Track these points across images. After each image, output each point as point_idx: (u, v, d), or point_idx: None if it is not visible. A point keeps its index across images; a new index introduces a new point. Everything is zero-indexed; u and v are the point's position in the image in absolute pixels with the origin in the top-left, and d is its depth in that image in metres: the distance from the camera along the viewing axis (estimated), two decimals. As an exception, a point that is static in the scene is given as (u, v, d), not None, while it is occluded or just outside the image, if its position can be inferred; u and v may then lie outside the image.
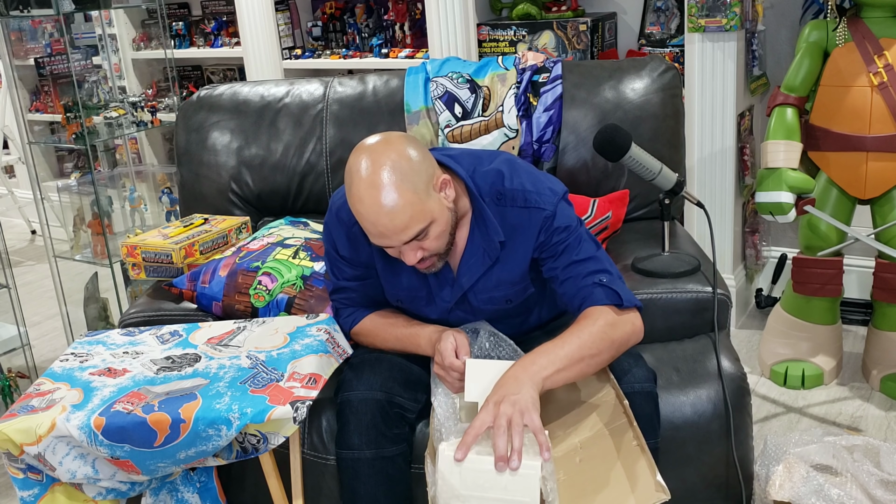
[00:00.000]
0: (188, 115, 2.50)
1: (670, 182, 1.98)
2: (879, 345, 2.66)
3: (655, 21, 3.21)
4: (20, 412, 1.60)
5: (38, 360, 3.23)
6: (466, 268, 1.74)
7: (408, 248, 1.62)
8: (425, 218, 1.58)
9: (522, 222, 1.70)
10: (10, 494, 2.55)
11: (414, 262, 1.63)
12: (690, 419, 1.78)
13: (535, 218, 1.69)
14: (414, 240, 1.60)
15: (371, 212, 1.55)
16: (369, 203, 1.55)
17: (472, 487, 1.44)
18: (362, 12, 3.72)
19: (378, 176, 1.54)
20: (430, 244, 1.63)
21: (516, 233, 1.70)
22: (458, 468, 1.45)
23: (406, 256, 1.63)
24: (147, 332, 1.89)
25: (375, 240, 1.62)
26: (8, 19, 3.25)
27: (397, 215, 1.55)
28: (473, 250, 1.73)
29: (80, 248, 3.19)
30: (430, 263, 1.68)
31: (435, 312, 1.80)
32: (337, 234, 1.80)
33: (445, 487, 1.46)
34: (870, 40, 2.42)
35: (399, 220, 1.55)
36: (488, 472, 1.44)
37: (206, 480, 1.75)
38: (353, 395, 1.71)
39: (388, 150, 1.57)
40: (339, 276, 1.85)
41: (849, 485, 1.92)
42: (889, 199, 2.50)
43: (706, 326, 1.92)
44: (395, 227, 1.56)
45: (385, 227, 1.56)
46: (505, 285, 1.75)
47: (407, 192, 1.55)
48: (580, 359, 1.56)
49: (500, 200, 1.71)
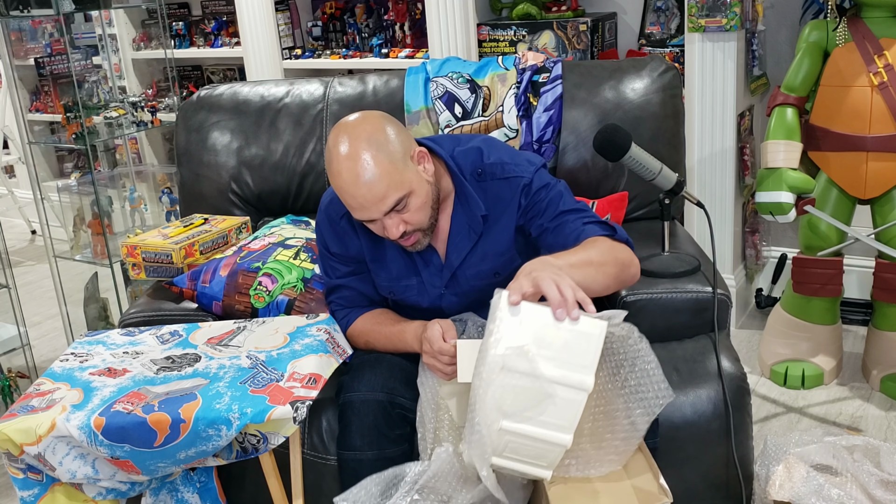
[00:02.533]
0: (188, 115, 2.50)
1: (670, 182, 1.98)
2: (879, 345, 2.66)
3: (655, 21, 3.21)
4: (20, 412, 1.60)
5: (38, 360, 3.23)
6: (454, 247, 1.78)
7: (390, 221, 1.64)
8: (403, 187, 1.62)
9: (503, 194, 1.75)
10: (10, 494, 2.55)
11: (397, 235, 1.66)
12: (690, 419, 1.78)
13: (514, 186, 1.74)
14: (394, 211, 1.63)
15: (349, 183, 1.60)
16: (347, 175, 1.59)
17: (535, 334, 1.36)
18: (362, 12, 3.72)
19: (355, 149, 1.59)
20: (412, 217, 1.66)
21: (499, 204, 1.75)
22: (517, 319, 1.37)
23: (389, 230, 1.65)
24: (147, 332, 1.89)
25: (357, 213, 1.64)
26: (8, 19, 3.25)
27: (375, 185, 1.59)
28: (458, 228, 1.77)
29: (80, 248, 3.19)
30: (414, 240, 1.70)
31: (426, 300, 1.82)
32: (326, 231, 1.84)
33: (508, 337, 1.36)
34: (870, 40, 2.42)
35: (377, 190, 1.59)
36: (548, 321, 1.36)
37: (206, 480, 1.75)
38: (354, 397, 1.71)
39: (364, 125, 1.63)
40: (333, 274, 1.88)
41: (849, 485, 1.92)
42: (889, 199, 2.50)
43: (706, 326, 1.92)
44: (373, 196, 1.59)
45: (364, 198, 1.60)
46: (491, 256, 1.77)
47: (383, 161, 1.59)
48: (588, 263, 1.55)
49: (481, 176, 1.76)
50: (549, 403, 1.36)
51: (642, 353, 1.45)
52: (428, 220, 1.70)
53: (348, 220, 1.81)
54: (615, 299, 1.95)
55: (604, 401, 1.46)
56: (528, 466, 1.42)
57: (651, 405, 1.44)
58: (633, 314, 1.91)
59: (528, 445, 1.39)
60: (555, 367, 1.36)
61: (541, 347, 1.37)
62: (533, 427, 1.37)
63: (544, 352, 1.36)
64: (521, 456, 1.41)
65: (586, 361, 1.37)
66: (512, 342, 1.37)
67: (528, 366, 1.36)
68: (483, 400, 1.37)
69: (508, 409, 1.37)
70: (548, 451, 1.40)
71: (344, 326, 1.88)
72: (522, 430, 1.38)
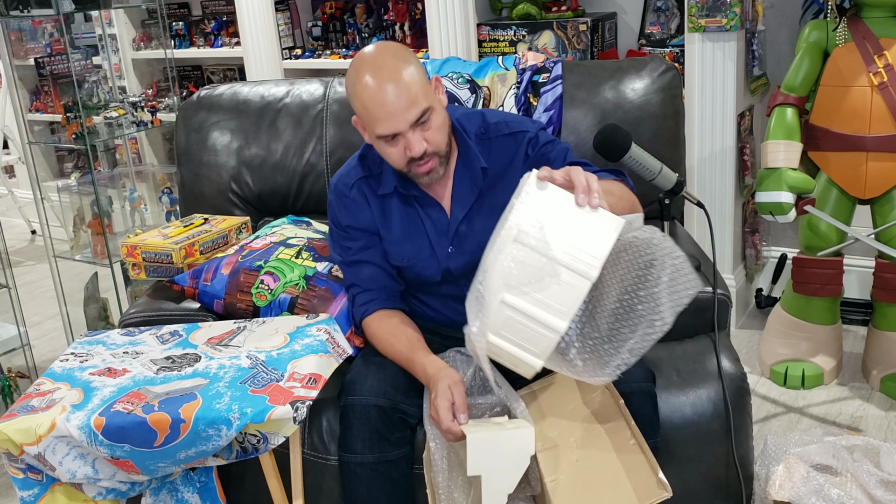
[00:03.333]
0: (188, 115, 2.50)
1: (670, 182, 1.98)
2: (879, 345, 2.66)
3: (655, 21, 3.21)
4: (20, 412, 1.60)
5: (38, 360, 3.23)
6: (457, 201, 1.83)
7: (413, 136, 1.68)
8: (427, 99, 1.68)
9: (509, 149, 1.83)
10: (11, 494, 2.55)
11: (419, 152, 1.69)
12: (690, 419, 1.78)
13: (519, 140, 1.83)
14: (418, 126, 1.68)
15: (378, 91, 1.65)
16: (375, 85, 1.65)
17: (554, 213, 1.41)
18: (362, 12, 3.72)
19: (383, 61, 1.67)
20: (433, 136, 1.71)
21: (504, 159, 1.83)
22: (541, 195, 1.42)
23: (412, 146, 1.69)
24: (147, 332, 1.89)
25: (383, 126, 1.67)
26: (8, 19, 3.26)
27: (402, 92, 1.64)
28: (461, 183, 1.83)
29: (80, 248, 3.19)
30: (431, 165, 1.74)
31: (436, 267, 1.84)
32: (337, 207, 1.89)
33: (528, 210, 1.42)
34: (870, 40, 2.42)
35: (405, 97, 1.64)
36: (570, 206, 1.41)
37: (207, 480, 1.75)
38: (356, 400, 1.71)
39: (387, 45, 1.73)
40: (346, 254, 1.89)
41: (849, 485, 1.92)
42: (889, 199, 2.50)
43: (706, 326, 1.92)
44: (401, 104, 1.64)
45: (392, 106, 1.64)
46: (499, 210, 1.76)
47: (411, 71, 1.67)
48: (611, 192, 1.59)
49: (485, 134, 1.84)
50: (552, 283, 1.38)
51: (668, 249, 1.45)
52: (445, 144, 1.75)
53: (358, 190, 1.87)
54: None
55: (629, 300, 1.46)
56: (522, 351, 1.43)
57: (681, 297, 1.44)
58: (633, 314, 1.92)
59: (525, 326, 1.41)
60: (565, 249, 1.39)
61: (556, 228, 1.40)
62: (532, 305, 1.40)
63: (558, 233, 1.40)
64: (517, 337, 1.42)
65: (596, 252, 1.39)
66: (530, 216, 1.41)
67: (540, 242, 1.39)
68: (493, 268, 1.41)
69: (514, 281, 1.39)
70: (542, 337, 1.41)
71: (360, 314, 1.87)
72: (522, 307, 1.40)
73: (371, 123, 1.70)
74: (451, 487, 1.65)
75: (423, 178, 1.77)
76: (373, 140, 1.75)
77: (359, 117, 1.75)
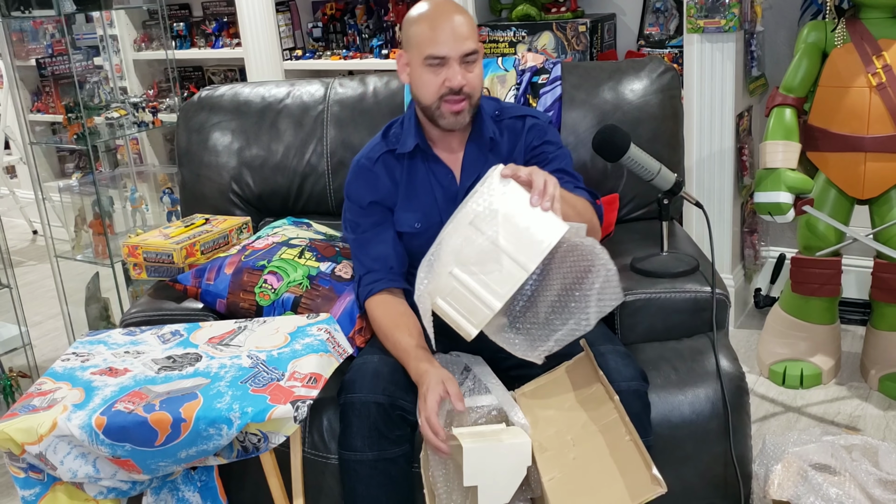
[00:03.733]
0: (189, 115, 2.51)
1: (669, 182, 1.99)
2: (878, 344, 2.67)
3: (654, 22, 3.22)
4: (21, 411, 1.61)
5: (40, 359, 3.24)
6: (467, 168, 1.94)
7: (458, 68, 1.81)
8: (477, 42, 1.84)
9: (517, 128, 1.97)
10: (12, 494, 2.56)
11: (458, 84, 1.81)
12: (689, 418, 1.78)
13: (528, 123, 1.97)
14: (465, 62, 1.82)
15: (443, 14, 1.82)
16: (443, 10, 1.83)
17: (508, 207, 1.57)
18: (362, 13, 3.73)
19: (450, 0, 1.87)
20: (473, 78, 1.84)
21: (512, 138, 1.96)
22: (501, 189, 1.59)
23: (454, 77, 1.81)
24: (148, 332, 1.90)
25: (438, 46, 1.80)
26: (9, 20, 3.26)
27: (463, 24, 1.82)
28: (472, 152, 1.94)
29: (82, 248, 3.20)
30: (463, 106, 1.85)
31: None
32: (357, 181, 1.97)
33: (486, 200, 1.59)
34: (868, 41, 2.43)
35: (465, 28, 1.82)
36: (524, 203, 1.57)
37: (207, 479, 1.76)
38: (356, 398, 1.71)
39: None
40: (357, 229, 1.96)
41: (847, 484, 1.92)
42: (887, 200, 2.51)
43: (705, 326, 1.93)
44: (459, 33, 1.80)
45: (452, 31, 1.80)
46: None
47: (469, 17, 1.85)
48: (573, 206, 1.75)
49: (499, 115, 1.99)
50: (495, 268, 1.57)
51: (605, 262, 1.60)
52: (478, 94, 1.87)
53: (382, 163, 1.96)
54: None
55: (566, 296, 1.64)
56: (461, 318, 1.59)
57: (606, 304, 1.61)
58: (631, 313, 1.93)
59: (466, 298, 1.58)
60: (511, 241, 1.56)
61: (507, 220, 1.57)
62: (475, 283, 1.57)
63: (509, 226, 1.57)
64: (459, 306, 1.59)
65: (536, 248, 1.56)
66: (487, 206, 1.59)
67: (491, 231, 1.57)
68: (447, 242, 1.60)
69: (463, 258, 1.58)
70: (479, 310, 1.57)
71: (366, 294, 1.91)
72: (466, 281, 1.58)
73: (425, 44, 1.82)
74: (450, 489, 1.65)
75: (449, 119, 1.86)
76: (417, 68, 1.85)
77: (412, 42, 1.85)
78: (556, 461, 1.57)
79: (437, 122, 1.88)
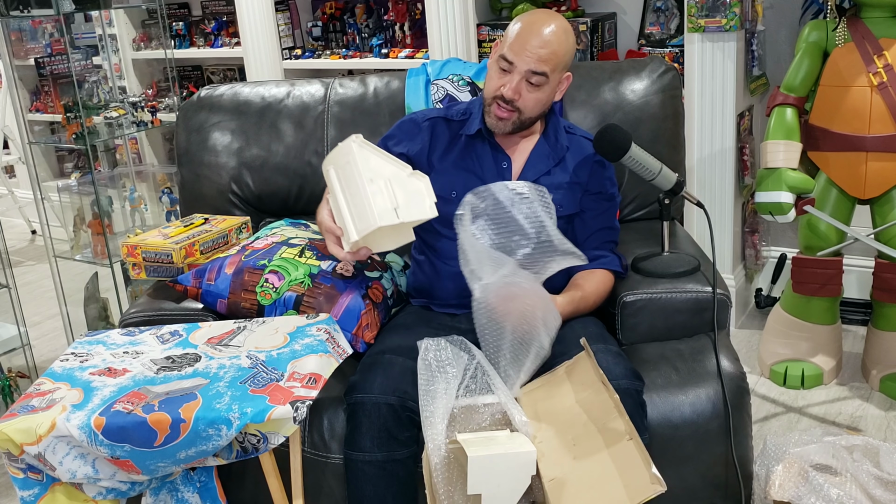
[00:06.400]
0: (189, 115, 2.50)
1: (670, 182, 1.98)
2: (879, 345, 2.67)
3: (655, 21, 3.21)
4: (20, 412, 1.61)
5: (39, 359, 3.23)
6: (531, 166, 2.00)
7: (518, 82, 1.87)
8: (553, 74, 1.88)
9: (586, 149, 2.03)
10: (11, 494, 2.55)
11: (513, 95, 1.87)
12: (690, 418, 1.78)
13: (598, 156, 2.00)
14: (528, 82, 1.86)
15: (537, 29, 1.85)
16: (540, 21, 1.87)
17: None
18: (362, 12, 3.72)
19: (555, 18, 1.89)
20: (529, 98, 1.89)
21: (578, 153, 2.03)
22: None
23: (510, 86, 1.87)
24: (147, 332, 1.89)
25: (515, 51, 1.85)
26: (8, 19, 3.26)
27: (551, 42, 1.85)
28: (539, 153, 2.01)
29: (81, 247, 3.20)
30: (507, 116, 1.92)
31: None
32: (402, 128, 2.07)
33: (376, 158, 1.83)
34: (869, 40, 2.42)
35: (548, 47, 1.85)
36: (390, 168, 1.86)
37: (207, 480, 1.75)
38: (366, 398, 1.71)
39: (565, 20, 1.94)
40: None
41: (848, 484, 1.92)
42: (889, 199, 2.51)
43: (706, 326, 1.92)
44: (541, 53, 1.84)
45: (532, 45, 1.84)
46: (563, 188, 2.00)
47: (562, 45, 1.87)
48: (583, 299, 1.91)
49: (571, 129, 2.08)
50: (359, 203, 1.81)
51: (541, 294, 1.74)
52: (529, 116, 1.93)
53: (431, 123, 2.05)
54: (615, 299, 1.95)
55: (520, 335, 1.73)
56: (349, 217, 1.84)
57: (552, 328, 1.72)
58: (632, 313, 1.92)
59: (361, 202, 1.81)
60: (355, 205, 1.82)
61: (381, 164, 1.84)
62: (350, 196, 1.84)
63: (384, 163, 1.84)
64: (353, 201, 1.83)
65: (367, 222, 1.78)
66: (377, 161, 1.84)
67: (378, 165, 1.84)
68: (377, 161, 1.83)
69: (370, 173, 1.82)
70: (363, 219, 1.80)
71: None
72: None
73: (506, 42, 1.87)
74: (451, 491, 1.65)
75: (492, 119, 1.94)
76: (493, 61, 1.92)
77: (505, 34, 1.90)
78: (557, 461, 1.56)
79: (484, 115, 1.97)
